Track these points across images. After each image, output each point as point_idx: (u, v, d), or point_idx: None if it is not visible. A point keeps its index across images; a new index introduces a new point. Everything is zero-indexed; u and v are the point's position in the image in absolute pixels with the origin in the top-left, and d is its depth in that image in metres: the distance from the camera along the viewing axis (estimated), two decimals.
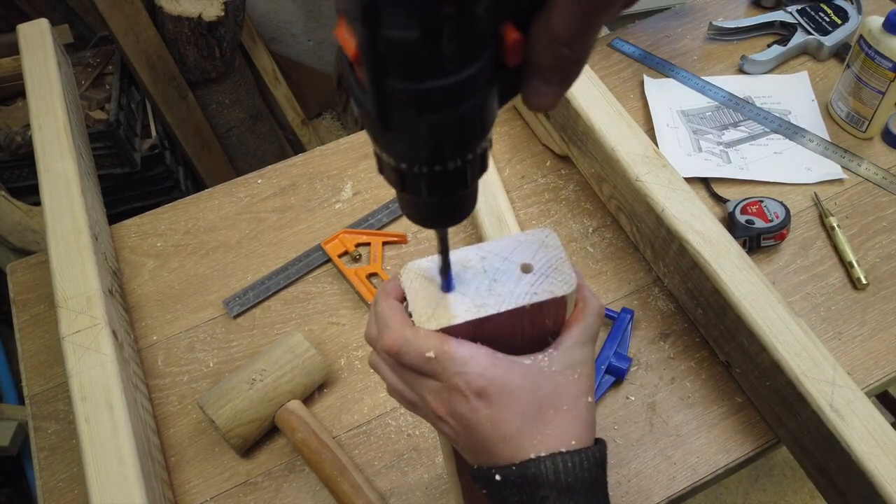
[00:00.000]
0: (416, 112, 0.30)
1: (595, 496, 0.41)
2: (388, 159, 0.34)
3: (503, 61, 0.31)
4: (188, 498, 0.73)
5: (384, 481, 0.73)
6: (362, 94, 0.31)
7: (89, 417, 0.65)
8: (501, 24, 0.30)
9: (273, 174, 0.99)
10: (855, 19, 1.06)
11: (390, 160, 0.34)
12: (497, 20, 0.29)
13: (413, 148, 0.32)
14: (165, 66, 1.67)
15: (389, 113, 0.30)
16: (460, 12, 0.26)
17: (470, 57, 0.28)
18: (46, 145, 0.84)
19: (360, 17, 0.27)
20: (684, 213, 0.76)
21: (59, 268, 0.75)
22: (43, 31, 0.95)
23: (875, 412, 0.62)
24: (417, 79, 0.28)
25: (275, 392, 0.73)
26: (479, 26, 0.28)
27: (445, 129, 0.31)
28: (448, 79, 0.28)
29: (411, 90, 0.29)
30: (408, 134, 0.31)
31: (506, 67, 0.31)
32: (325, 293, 0.87)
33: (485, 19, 0.28)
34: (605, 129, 0.83)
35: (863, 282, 0.82)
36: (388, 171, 0.35)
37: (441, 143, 0.32)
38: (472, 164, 0.34)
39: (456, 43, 0.27)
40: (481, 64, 0.29)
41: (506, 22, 0.30)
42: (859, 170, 0.93)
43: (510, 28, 0.30)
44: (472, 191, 0.37)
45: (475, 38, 0.28)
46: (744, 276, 0.71)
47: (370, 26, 0.27)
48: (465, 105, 0.30)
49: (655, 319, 0.82)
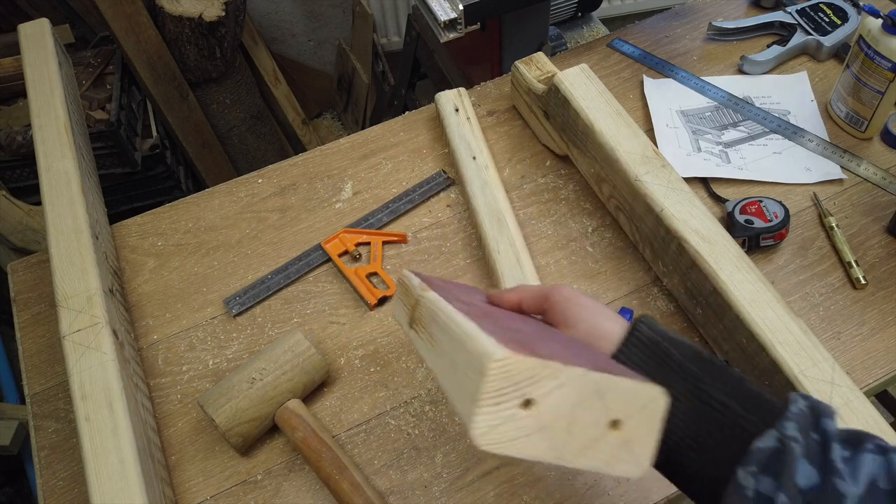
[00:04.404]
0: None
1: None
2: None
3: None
4: (188, 496, 0.73)
5: (384, 480, 0.73)
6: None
7: (90, 416, 0.65)
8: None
9: (273, 174, 1.00)
10: (854, 20, 1.06)
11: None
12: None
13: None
14: (166, 66, 1.67)
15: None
16: None
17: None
18: (47, 145, 0.84)
19: None
20: (683, 212, 0.76)
21: (60, 267, 0.75)
22: (44, 30, 0.95)
23: (874, 412, 0.62)
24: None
25: (275, 391, 0.73)
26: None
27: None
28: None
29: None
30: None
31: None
32: (325, 292, 0.87)
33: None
34: (605, 129, 0.83)
35: (862, 282, 0.82)
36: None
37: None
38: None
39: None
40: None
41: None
42: (858, 170, 0.93)
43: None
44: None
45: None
46: (743, 275, 0.71)
47: None
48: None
49: (655, 319, 0.82)
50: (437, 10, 0.98)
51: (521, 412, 0.37)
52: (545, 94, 0.92)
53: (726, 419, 0.45)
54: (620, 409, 0.39)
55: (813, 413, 0.44)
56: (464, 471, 0.73)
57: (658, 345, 0.49)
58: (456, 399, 0.41)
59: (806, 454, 0.41)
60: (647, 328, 0.50)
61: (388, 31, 2.05)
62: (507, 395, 0.37)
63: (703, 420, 0.46)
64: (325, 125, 2.30)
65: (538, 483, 0.72)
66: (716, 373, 0.47)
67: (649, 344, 0.49)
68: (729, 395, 0.46)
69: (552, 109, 0.92)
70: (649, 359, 0.49)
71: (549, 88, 0.90)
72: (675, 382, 0.47)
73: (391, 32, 2.05)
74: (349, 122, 2.24)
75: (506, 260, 0.83)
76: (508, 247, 0.84)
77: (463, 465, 0.73)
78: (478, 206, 0.88)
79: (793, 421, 0.43)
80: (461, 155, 0.94)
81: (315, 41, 2.16)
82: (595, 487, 0.71)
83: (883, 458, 0.41)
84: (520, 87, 0.99)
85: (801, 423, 0.43)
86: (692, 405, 0.46)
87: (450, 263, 0.88)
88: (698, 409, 0.46)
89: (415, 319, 0.54)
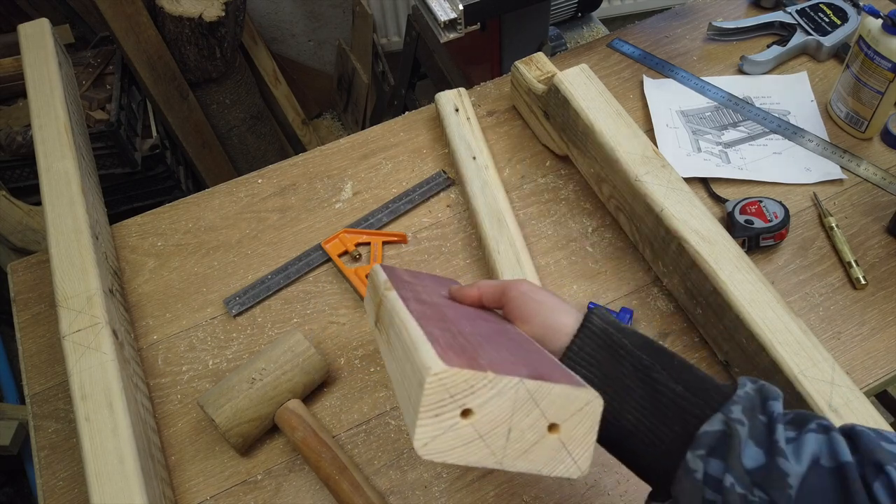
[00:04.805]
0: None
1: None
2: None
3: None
4: (188, 497, 0.73)
5: (384, 480, 0.73)
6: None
7: (90, 416, 0.65)
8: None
9: (273, 174, 1.00)
10: (854, 20, 1.06)
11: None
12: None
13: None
14: (166, 67, 1.67)
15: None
16: None
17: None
18: (47, 145, 0.84)
19: None
20: (683, 212, 0.76)
21: (60, 267, 0.75)
22: (44, 31, 0.95)
23: (874, 412, 0.62)
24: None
25: (275, 391, 0.73)
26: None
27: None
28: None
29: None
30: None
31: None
32: (325, 293, 0.87)
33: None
34: (605, 129, 0.83)
35: (862, 282, 0.82)
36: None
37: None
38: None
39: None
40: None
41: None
42: (858, 170, 0.93)
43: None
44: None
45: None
46: (743, 275, 0.71)
47: None
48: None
49: (655, 319, 0.82)
50: (437, 10, 0.98)
51: (461, 421, 0.39)
52: (545, 94, 0.92)
53: (676, 405, 0.46)
54: (557, 413, 0.41)
55: (760, 395, 0.46)
56: (464, 471, 0.73)
57: (610, 336, 0.50)
58: (404, 408, 0.42)
59: (751, 435, 0.43)
60: (599, 319, 0.51)
61: (388, 31, 2.05)
62: (446, 406, 0.38)
63: (654, 407, 0.47)
64: (325, 125, 2.30)
65: (538, 483, 0.72)
66: (665, 360, 0.48)
67: (601, 335, 0.50)
68: (678, 381, 0.47)
69: (552, 109, 0.92)
70: (602, 349, 0.50)
71: (549, 88, 0.90)
72: (627, 371, 0.48)
73: (391, 32, 2.05)
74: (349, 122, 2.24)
75: (506, 260, 0.83)
76: (508, 247, 0.84)
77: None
78: (478, 206, 0.88)
79: (739, 404, 0.44)
80: (461, 155, 0.94)
81: (315, 41, 2.16)
82: (595, 487, 0.71)
83: (825, 436, 0.43)
84: (520, 87, 0.99)
85: (746, 406, 0.44)
86: (644, 393, 0.48)
87: (450, 263, 0.88)
88: (650, 396, 0.47)
89: (379, 318, 0.55)
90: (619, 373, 0.49)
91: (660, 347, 0.50)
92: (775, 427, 0.43)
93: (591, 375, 0.49)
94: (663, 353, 0.49)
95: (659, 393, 0.47)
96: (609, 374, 0.49)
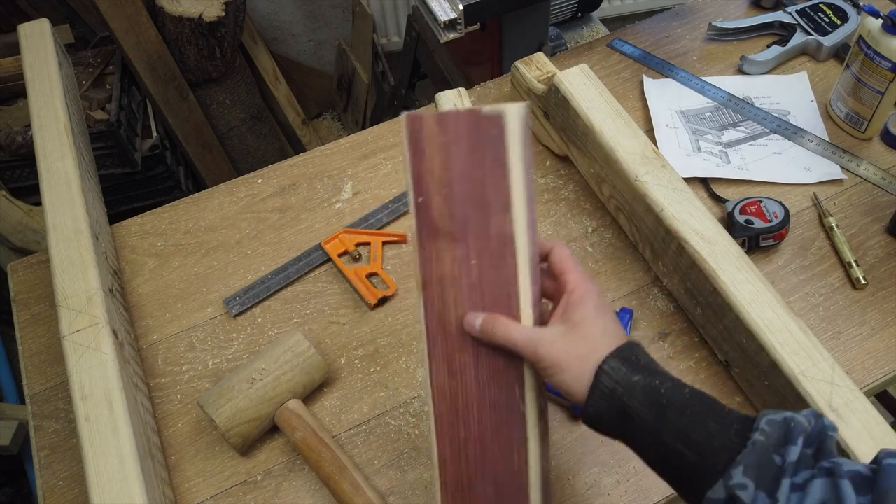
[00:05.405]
0: None
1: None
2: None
3: None
4: (188, 497, 0.73)
5: (384, 480, 0.73)
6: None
7: (90, 416, 0.65)
8: None
9: (273, 174, 0.99)
10: (854, 20, 1.06)
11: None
12: None
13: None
14: (166, 67, 1.67)
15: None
16: None
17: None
18: (47, 145, 0.84)
19: None
20: (683, 212, 0.76)
21: (60, 267, 0.75)
22: (44, 31, 0.95)
23: (874, 412, 0.62)
24: None
25: (275, 391, 0.73)
26: None
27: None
28: None
29: None
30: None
31: None
32: (325, 293, 0.87)
33: None
34: (605, 130, 0.83)
35: (862, 282, 0.82)
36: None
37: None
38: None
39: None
40: None
41: None
42: (858, 170, 0.93)
43: None
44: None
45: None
46: (743, 275, 0.71)
47: None
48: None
49: (655, 319, 0.82)
50: (437, 11, 0.98)
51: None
52: (545, 94, 0.92)
53: (685, 468, 0.47)
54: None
55: (781, 436, 0.44)
56: None
57: (619, 397, 0.49)
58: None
59: (758, 489, 0.43)
60: (609, 378, 0.50)
61: (388, 31, 2.05)
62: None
63: (667, 467, 0.48)
64: (325, 125, 2.30)
65: None
66: (673, 418, 0.48)
67: (610, 396, 0.50)
68: (685, 443, 0.47)
69: (552, 109, 0.92)
70: (612, 410, 0.50)
71: (549, 88, 0.90)
72: (637, 435, 0.49)
73: (391, 32, 2.05)
74: (349, 122, 2.24)
75: None
76: None
77: None
78: None
79: (741, 465, 0.43)
80: None
81: (315, 41, 2.16)
82: (595, 487, 0.71)
83: (831, 483, 0.42)
84: (520, 87, 0.99)
85: (752, 463, 0.43)
86: (656, 456, 0.49)
87: None
88: (661, 460, 0.49)
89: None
90: (631, 434, 0.50)
91: (668, 400, 0.48)
92: (781, 483, 0.42)
93: (612, 433, 0.51)
94: (672, 407, 0.48)
95: (669, 456, 0.47)
96: (625, 434, 0.50)
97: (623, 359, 0.50)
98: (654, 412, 0.48)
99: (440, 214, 0.47)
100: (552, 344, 0.51)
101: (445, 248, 0.49)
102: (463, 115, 0.41)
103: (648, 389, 0.49)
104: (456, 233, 0.48)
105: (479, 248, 0.50)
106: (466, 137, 0.44)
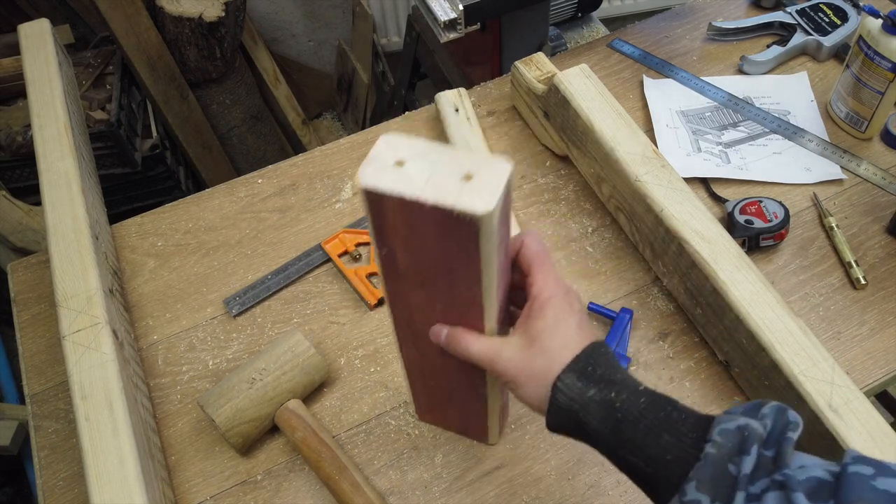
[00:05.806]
0: None
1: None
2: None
3: None
4: (188, 497, 0.73)
5: (383, 480, 0.73)
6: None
7: (89, 416, 0.65)
8: None
9: (273, 174, 1.00)
10: (854, 20, 1.06)
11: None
12: None
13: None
14: (166, 67, 1.67)
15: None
16: None
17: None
18: (47, 145, 0.84)
19: None
20: (683, 213, 0.76)
21: (60, 267, 0.75)
22: (44, 31, 0.95)
23: (874, 412, 0.62)
24: None
25: (275, 391, 0.73)
26: None
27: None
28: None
29: None
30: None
31: None
32: (325, 293, 0.87)
33: None
34: (605, 130, 0.83)
35: (862, 282, 0.82)
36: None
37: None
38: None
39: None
40: None
41: None
42: (858, 170, 0.93)
43: None
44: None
45: None
46: (743, 275, 0.71)
47: None
48: None
49: (654, 319, 0.82)
50: (437, 11, 0.98)
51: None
52: (545, 94, 0.92)
53: (643, 479, 0.48)
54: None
55: (738, 444, 0.44)
56: (463, 471, 0.73)
57: (576, 413, 0.50)
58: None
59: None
60: (563, 395, 0.50)
61: (388, 31, 2.05)
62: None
63: (631, 478, 0.49)
64: (325, 125, 2.30)
65: (538, 483, 0.72)
66: (626, 434, 0.48)
67: (567, 412, 0.50)
68: (638, 456, 0.47)
69: (552, 109, 0.92)
70: (570, 424, 0.51)
71: (549, 88, 0.90)
72: (598, 448, 0.50)
73: (391, 32, 2.05)
74: (349, 123, 2.24)
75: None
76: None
77: (463, 465, 0.73)
78: None
79: (694, 480, 0.43)
80: None
81: (315, 41, 2.16)
82: (595, 487, 0.71)
83: (784, 496, 0.41)
84: (520, 87, 0.99)
85: (705, 478, 0.43)
86: (618, 464, 0.50)
87: None
88: (622, 467, 0.49)
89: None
90: (593, 446, 0.50)
91: (623, 414, 0.48)
92: (735, 496, 0.42)
93: (575, 440, 0.52)
94: (626, 420, 0.48)
95: (628, 469, 0.49)
96: (588, 442, 0.51)
97: (578, 372, 0.50)
98: (610, 426, 0.48)
99: (406, 266, 0.49)
100: (510, 360, 0.51)
101: (411, 288, 0.51)
102: (429, 211, 0.41)
103: (604, 403, 0.49)
104: (424, 283, 0.50)
105: (445, 301, 0.51)
106: (434, 229, 0.43)
